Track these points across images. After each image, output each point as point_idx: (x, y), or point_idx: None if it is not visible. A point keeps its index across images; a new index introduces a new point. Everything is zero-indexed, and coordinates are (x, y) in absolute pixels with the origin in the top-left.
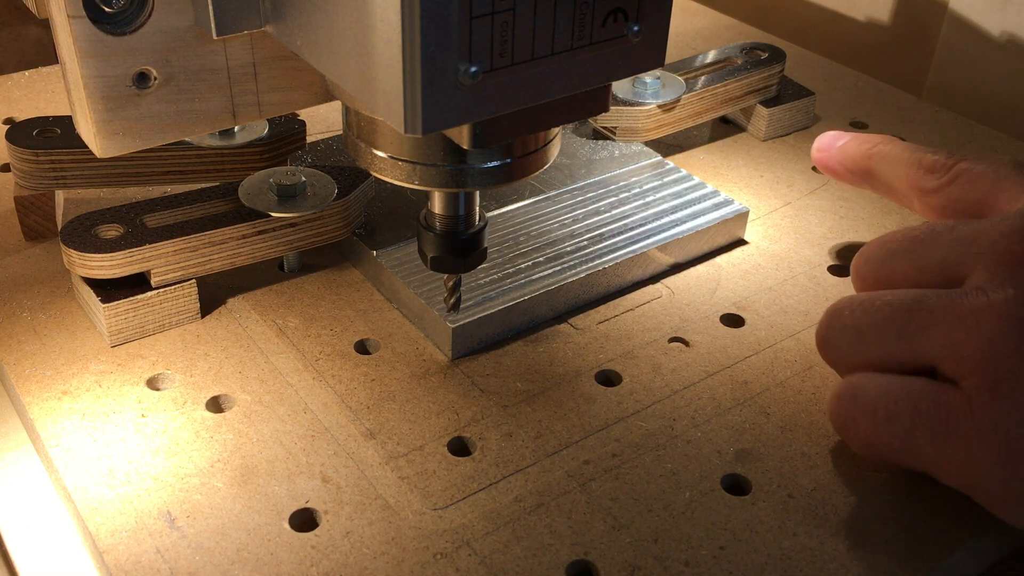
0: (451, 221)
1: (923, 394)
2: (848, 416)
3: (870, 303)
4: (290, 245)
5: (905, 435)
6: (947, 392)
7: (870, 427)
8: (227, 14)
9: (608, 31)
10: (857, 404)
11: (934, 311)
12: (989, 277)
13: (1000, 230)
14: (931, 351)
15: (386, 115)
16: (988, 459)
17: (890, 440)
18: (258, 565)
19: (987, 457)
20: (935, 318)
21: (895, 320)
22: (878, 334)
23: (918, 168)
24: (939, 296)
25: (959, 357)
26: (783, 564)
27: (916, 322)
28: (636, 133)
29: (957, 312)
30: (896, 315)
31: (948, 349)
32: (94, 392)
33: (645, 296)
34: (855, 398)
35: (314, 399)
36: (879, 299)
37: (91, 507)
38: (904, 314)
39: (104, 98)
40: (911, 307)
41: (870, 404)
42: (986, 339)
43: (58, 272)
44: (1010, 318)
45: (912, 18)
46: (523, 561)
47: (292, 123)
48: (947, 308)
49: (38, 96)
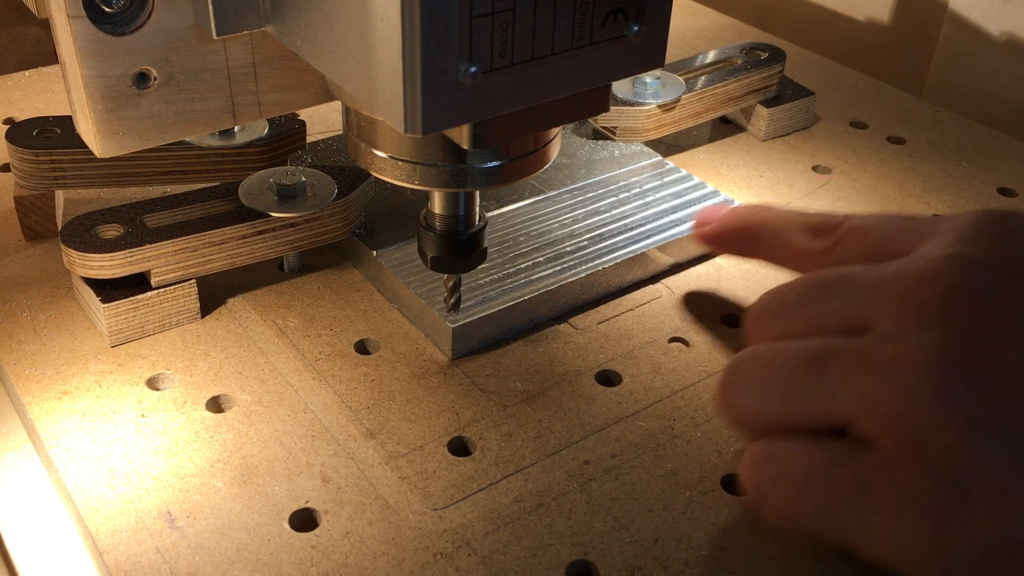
0: (451, 221)
1: (839, 459)
2: (762, 484)
3: (772, 355)
4: (290, 245)
5: (823, 506)
6: (864, 455)
7: (785, 498)
8: (227, 14)
9: (608, 31)
10: (770, 472)
11: (843, 362)
12: (897, 324)
13: (905, 274)
14: (843, 407)
15: (386, 115)
16: (915, 530)
17: (808, 511)
18: (258, 565)
19: (913, 528)
20: (845, 370)
21: (801, 373)
22: (783, 390)
23: (803, 232)
24: (847, 345)
25: (874, 413)
26: (783, 564)
27: (825, 376)
28: (636, 133)
29: (869, 363)
30: (802, 368)
31: (862, 405)
32: (94, 392)
33: (645, 296)
34: (767, 466)
35: (314, 399)
36: (782, 351)
37: (91, 507)
38: (811, 367)
39: (104, 98)
40: (818, 358)
41: (784, 472)
42: (902, 392)
43: (58, 272)
44: (927, 366)
45: (912, 18)
46: (523, 561)
47: (292, 123)
48: (857, 358)
49: (38, 96)
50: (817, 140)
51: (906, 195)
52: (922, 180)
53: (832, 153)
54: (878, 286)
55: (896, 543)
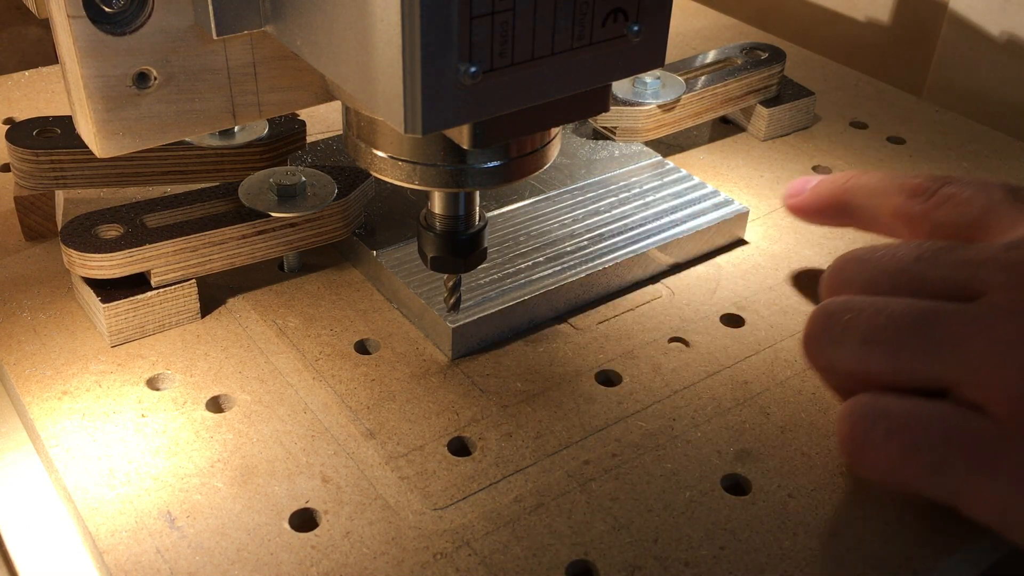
0: (451, 221)
1: (956, 422)
2: (867, 440)
3: (875, 310)
4: (290, 245)
5: (935, 466)
6: (981, 423)
7: (896, 454)
8: (227, 14)
9: (608, 31)
10: (879, 428)
11: (956, 326)
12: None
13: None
14: (952, 371)
15: (386, 115)
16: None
17: (917, 470)
18: (258, 565)
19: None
20: (958, 334)
21: (909, 330)
22: (888, 345)
23: (900, 193)
24: (961, 312)
25: (988, 384)
26: (783, 564)
27: (934, 337)
28: (636, 133)
29: (986, 333)
30: (910, 325)
31: (975, 373)
32: (94, 392)
33: (645, 296)
34: (876, 421)
35: (314, 399)
36: (886, 305)
37: (91, 507)
38: (920, 325)
39: (104, 98)
40: (927, 318)
41: (896, 429)
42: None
43: (58, 272)
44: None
45: (912, 18)
46: (523, 561)
47: (292, 123)
48: (973, 327)
49: (38, 96)
50: (817, 140)
51: None
52: None
53: (832, 153)
54: (986, 263)
55: (1004, 510)
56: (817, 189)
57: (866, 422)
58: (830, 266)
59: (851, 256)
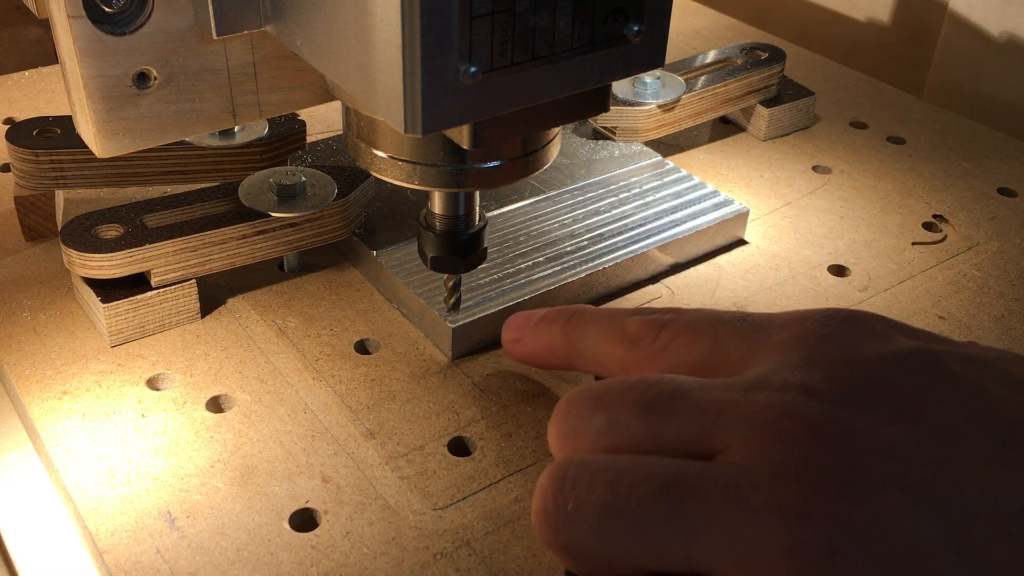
0: (451, 221)
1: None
2: None
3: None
4: (290, 245)
5: None
6: None
7: None
8: (227, 14)
9: (608, 31)
10: None
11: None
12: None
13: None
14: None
15: (386, 115)
16: None
17: None
18: (258, 565)
19: None
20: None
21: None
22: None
23: (621, 344)
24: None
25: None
26: None
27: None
28: (636, 133)
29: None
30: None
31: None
32: (94, 392)
33: (645, 296)
34: None
35: (314, 399)
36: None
37: (91, 507)
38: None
39: (104, 98)
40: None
41: None
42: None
43: (58, 272)
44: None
45: (912, 18)
46: (523, 561)
47: (292, 123)
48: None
49: (38, 96)
50: (817, 140)
51: (906, 195)
52: (922, 180)
53: (832, 153)
54: (725, 409)
55: None
56: (537, 333)
57: None
58: (556, 407)
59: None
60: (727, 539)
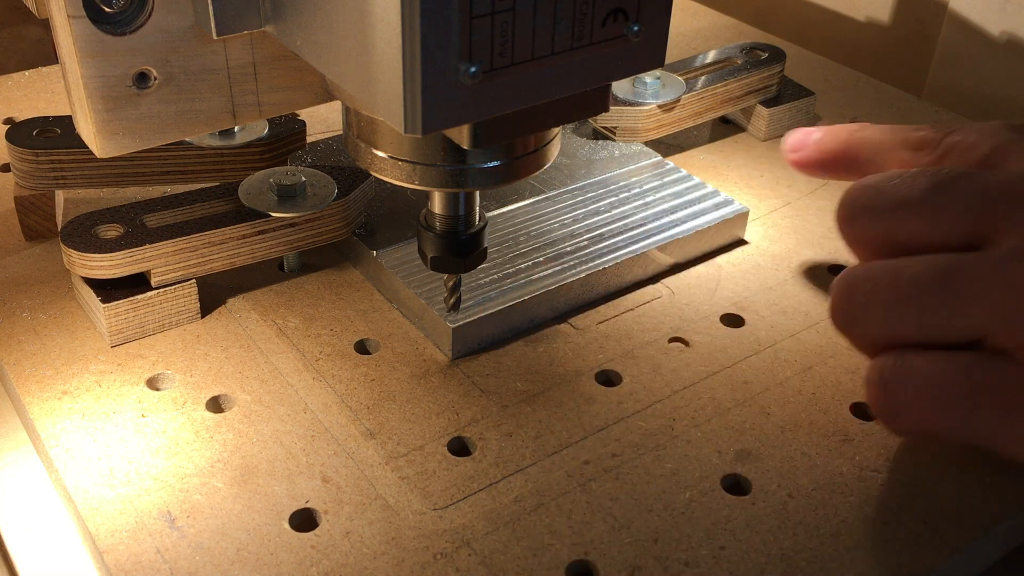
0: (451, 221)
1: (981, 370)
2: (899, 401)
3: (894, 274)
4: (290, 245)
5: (967, 416)
6: (1004, 366)
7: (927, 410)
8: (227, 14)
9: (608, 31)
10: (908, 387)
11: (975, 279)
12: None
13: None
14: (977, 323)
15: (386, 115)
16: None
17: (950, 423)
18: (258, 565)
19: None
20: (978, 287)
21: (932, 291)
22: (914, 308)
23: (905, 148)
24: (978, 262)
25: (1013, 329)
26: (783, 564)
27: (957, 292)
28: (636, 133)
29: (1006, 280)
30: (932, 285)
31: (999, 321)
32: (94, 392)
33: (645, 296)
34: (903, 381)
35: (314, 399)
36: (905, 268)
37: (91, 507)
38: (941, 284)
39: (104, 98)
40: (949, 276)
41: (923, 386)
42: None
43: (58, 272)
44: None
45: (912, 18)
46: (523, 561)
47: (292, 123)
48: (993, 277)
49: (38, 96)
50: None
51: None
52: None
53: None
54: (1005, 193)
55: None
56: (820, 144)
57: (894, 384)
58: (845, 193)
59: (866, 183)
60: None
